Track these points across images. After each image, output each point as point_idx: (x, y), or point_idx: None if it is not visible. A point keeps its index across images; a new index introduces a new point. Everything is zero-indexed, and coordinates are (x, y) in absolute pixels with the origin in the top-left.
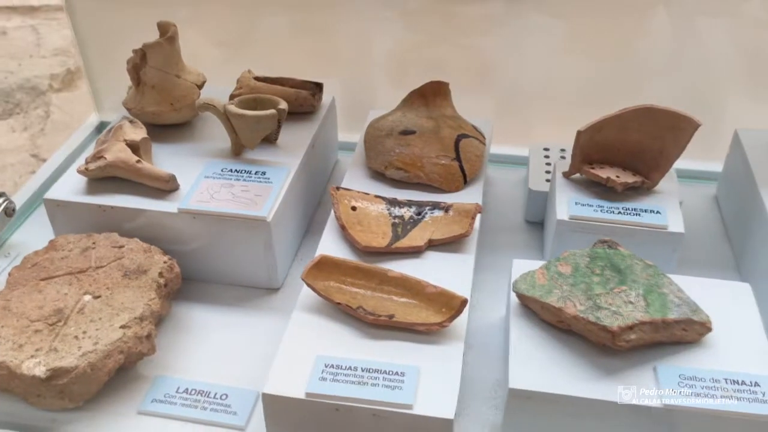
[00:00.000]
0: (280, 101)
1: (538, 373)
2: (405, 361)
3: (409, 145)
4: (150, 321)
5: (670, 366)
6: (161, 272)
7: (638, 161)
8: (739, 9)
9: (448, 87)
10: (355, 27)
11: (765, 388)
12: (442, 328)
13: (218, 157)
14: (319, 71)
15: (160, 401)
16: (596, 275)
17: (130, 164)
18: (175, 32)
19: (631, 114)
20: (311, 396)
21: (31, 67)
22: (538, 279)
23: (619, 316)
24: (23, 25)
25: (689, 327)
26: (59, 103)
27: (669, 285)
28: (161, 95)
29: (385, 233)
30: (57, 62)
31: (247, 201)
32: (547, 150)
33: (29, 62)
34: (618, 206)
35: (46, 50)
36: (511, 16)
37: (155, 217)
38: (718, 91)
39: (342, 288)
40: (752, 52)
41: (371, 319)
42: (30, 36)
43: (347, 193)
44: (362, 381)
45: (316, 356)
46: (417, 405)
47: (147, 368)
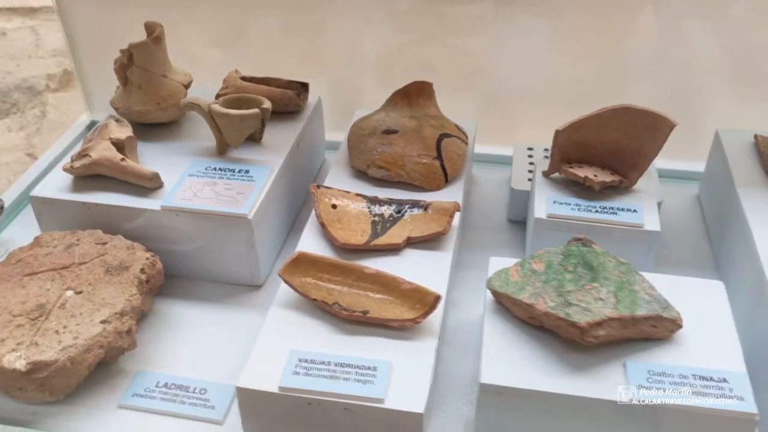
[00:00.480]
0: (264, 101)
1: (510, 369)
2: (378, 356)
3: (391, 144)
4: (131, 316)
5: (640, 362)
6: (143, 268)
7: (616, 160)
8: (723, 10)
9: (431, 87)
10: (345, 27)
11: (733, 385)
12: (415, 324)
13: (203, 155)
14: (308, 71)
15: (140, 395)
16: (569, 272)
17: (115, 162)
18: (161, 32)
19: (609, 114)
20: (284, 390)
21: (30, 67)
22: (512, 276)
23: (588, 313)
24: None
25: (659, 324)
26: (55, 103)
27: (641, 282)
28: (148, 95)
29: (364, 231)
30: (54, 63)
31: (229, 199)
32: (531, 149)
33: (28, 63)
34: (595, 205)
35: (44, 51)
36: (500, 17)
37: (139, 215)
38: (703, 91)
39: (319, 284)
40: (737, 53)
41: (346, 315)
42: (29, 37)
43: (328, 191)
44: (335, 375)
45: (290, 351)
46: (388, 399)
47: (128, 363)
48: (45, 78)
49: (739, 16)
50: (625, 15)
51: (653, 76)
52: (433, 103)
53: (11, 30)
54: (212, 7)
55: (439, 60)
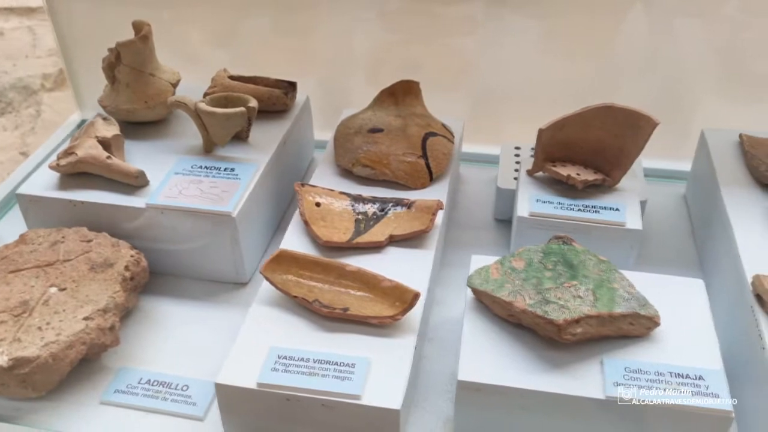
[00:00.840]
0: (251, 99)
1: (487, 366)
2: (357, 353)
3: (377, 142)
4: (114, 313)
5: (617, 359)
6: (127, 266)
7: (600, 159)
8: (712, 10)
9: (418, 86)
10: (336, 27)
11: (709, 382)
12: (394, 321)
13: (190, 154)
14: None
15: (123, 392)
16: (548, 270)
17: (100, 160)
18: (148, 31)
19: (592, 112)
20: (262, 386)
21: (26, 67)
22: (492, 274)
23: (566, 310)
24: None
25: (636, 321)
26: (50, 102)
27: (621, 280)
28: (135, 93)
29: (347, 229)
30: (50, 62)
31: (213, 197)
32: (518, 149)
33: (24, 62)
34: (578, 203)
35: (41, 51)
36: (490, 17)
37: (124, 212)
38: (691, 91)
39: (300, 282)
40: (726, 53)
41: (326, 312)
42: (26, 37)
43: (312, 189)
44: (313, 372)
45: (270, 347)
46: (365, 395)
47: (112, 360)
48: (40, 77)
49: (727, 16)
50: (614, 15)
51: (642, 75)
52: (420, 102)
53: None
54: (204, 7)
55: (429, 60)
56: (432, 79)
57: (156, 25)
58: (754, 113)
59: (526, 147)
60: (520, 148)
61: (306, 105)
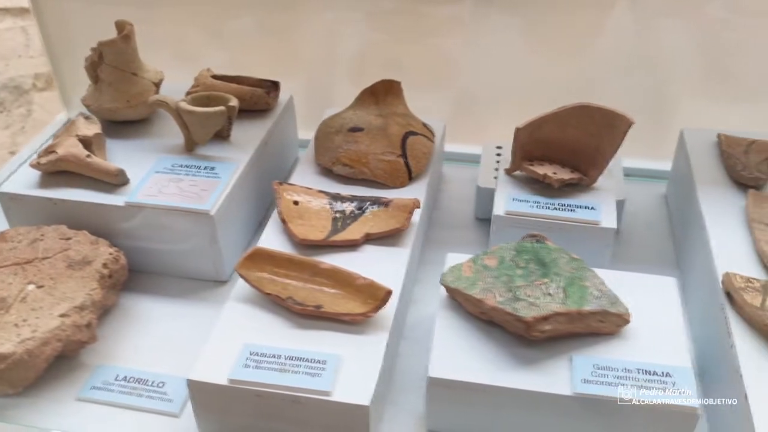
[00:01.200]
0: (231, 98)
1: (458, 363)
2: (329, 350)
3: (357, 142)
4: (91, 311)
5: (586, 356)
6: (106, 263)
7: (577, 158)
8: (694, 10)
9: (399, 86)
10: (323, 28)
11: (676, 379)
12: (366, 318)
13: (172, 153)
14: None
15: (99, 388)
16: (520, 268)
17: (80, 159)
18: (130, 31)
19: (568, 112)
20: (234, 382)
21: (18, 67)
22: (464, 272)
23: (535, 307)
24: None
25: (606, 318)
26: (41, 102)
27: (592, 278)
28: (118, 92)
29: (324, 227)
30: (42, 62)
31: (193, 195)
32: (500, 148)
33: (17, 62)
34: (554, 202)
35: (34, 51)
36: (477, 17)
37: (104, 210)
38: (675, 90)
39: (275, 279)
40: (709, 53)
41: (298, 309)
42: (19, 37)
43: (290, 187)
44: (284, 368)
45: (243, 344)
46: (335, 392)
47: (90, 357)
48: (32, 77)
49: (709, 16)
50: (597, 16)
51: (624, 75)
52: (401, 102)
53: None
54: (191, 7)
55: (415, 59)
56: (417, 78)
57: (143, 25)
58: (735, 113)
59: (508, 146)
60: (502, 147)
61: (289, 104)
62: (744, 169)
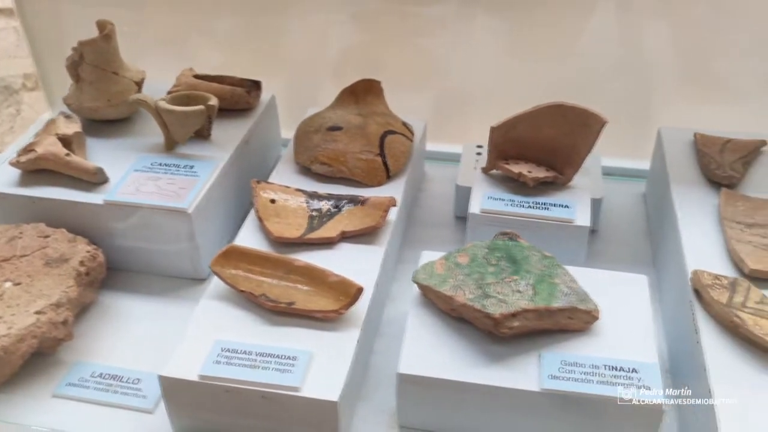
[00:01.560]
0: (211, 97)
1: (428, 359)
2: (300, 347)
3: (335, 140)
4: (67, 308)
5: (554, 353)
6: (83, 261)
7: (553, 157)
8: (676, 11)
9: (379, 85)
10: (309, 28)
11: (642, 375)
12: (338, 315)
13: (152, 151)
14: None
15: (75, 385)
16: (492, 265)
17: (59, 157)
18: (111, 30)
19: (543, 111)
20: (204, 378)
21: (8, 66)
22: (437, 269)
23: (503, 304)
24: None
25: (575, 315)
26: (30, 102)
27: (563, 276)
28: (99, 91)
29: (300, 225)
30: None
31: (171, 193)
32: (480, 147)
33: (7, 62)
34: (529, 200)
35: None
36: (462, 18)
37: (82, 209)
38: (655, 90)
39: (249, 277)
40: (691, 53)
41: (271, 306)
42: (11, 36)
43: (267, 186)
44: (255, 364)
45: (215, 341)
46: (305, 388)
47: (68, 354)
48: (22, 77)
49: (691, 17)
50: (582, 18)
51: (608, 76)
52: (382, 101)
53: None
54: (177, 7)
55: (400, 59)
56: (401, 78)
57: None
58: (716, 113)
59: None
60: (482, 146)
61: (271, 104)
62: (718, 167)
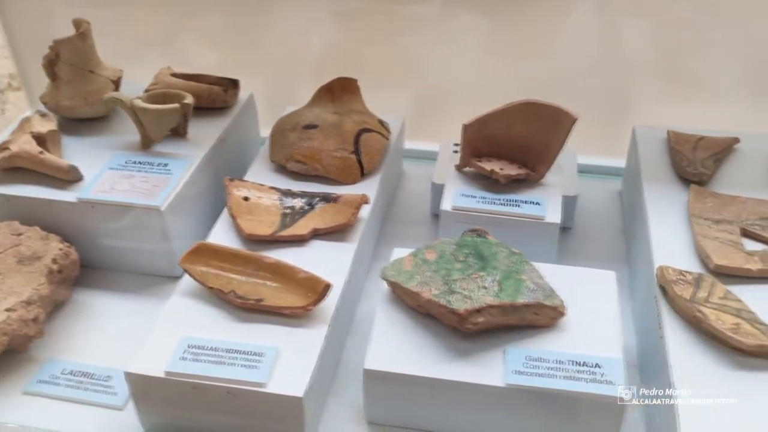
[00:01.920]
0: (186, 96)
1: (394, 355)
2: (268, 343)
3: (310, 138)
4: (38, 305)
5: (519, 348)
6: (55, 259)
7: (525, 154)
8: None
9: (356, 83)
10: (290, 28)
11: (606, 370)
12: (306, 311)
13: (128, 150)
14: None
15: (45, 382)
16: (459, 262)
17: (33, 155)
18: (87, 29)
19: (515, 108)
20: (170, 375)
21: None
22: (405, 265)
23: (468, 300)
24: None
25: (540, 311)
26: (15, 101)
27: (530, 272)
28: (75, 90)
29: (272, 222)
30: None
31: (144, 191)
32: (457, 145)
33: None
34: (500, 197)
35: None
36: (443, 17)
37: (56, 207)
38: (634, 89)
39: (220, 274)
40: (666, 52)
41: (239, 303)
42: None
43: (241, 183)
44: (222, 361)
45: (182, 337)
46: (270, 384)
47: (40, 351)
48: (7, 77)
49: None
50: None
51: (585, 74)
52: (359, 99)
53: None
54: (159, 5)
55: (382, 58)
56: (382, 77)
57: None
58: (693, 111)
59: None
60: (459, 144)
61: (250, 102)
62: (689, 165)
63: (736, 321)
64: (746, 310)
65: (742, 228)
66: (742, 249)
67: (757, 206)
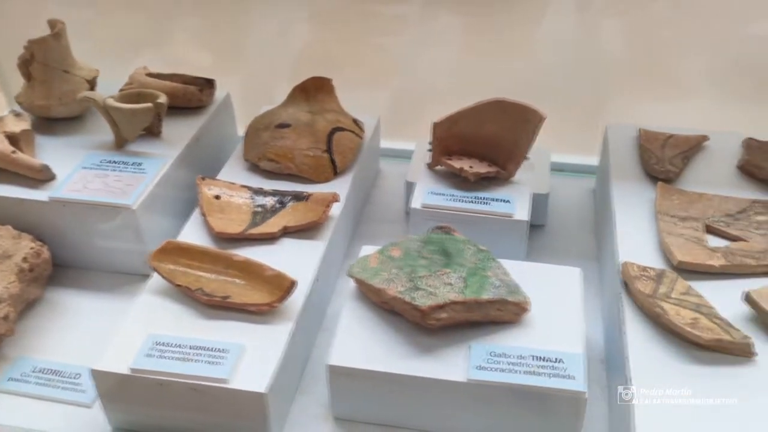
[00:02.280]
0: (160, 95)
1: (358, 351)
2: (234, 340)
3: (283, 137)
4: (9, 303)
5: (483, 344)
6: (26, 257)
7: (496, 152)
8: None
9: (330, 82)
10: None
11: (567, 365)
12: (271, 308)
13: (102, 149)
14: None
15: (16, 380)
16: (424, 258)
17: (5, 154)
18: (62, 29)
19: (484, 107)
20: (135, 372)
21: None
22: (371, 262)
23: (432, 296)
24: None
25: (504, 307)
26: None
27: (496, 269)
28: (49, 90)
29: (243, 221)
30: None
31: (117, 190)
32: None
33: None
34: (470, 195)
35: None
36: (420, 17)
37: (29, 206)
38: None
39: (188, 272)
40: (643, 50)
41: (205, 300)
42: None
43: (212, 182)
44: (187, 357)
45: (148, 334)
46: (233, 380)
47: (10, 350)
48: None
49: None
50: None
51: (562, 73)
52: (333, 99)
53: None
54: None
55: (360, 58)
56: (359, 76)
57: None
58: (668, 109)
59: None
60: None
61: (226, 101)
62: (657, 162)
63: (695, 316)
64: (706, 306)
65: (707, 225)
66: (705, 246)
67: (723, 203)
